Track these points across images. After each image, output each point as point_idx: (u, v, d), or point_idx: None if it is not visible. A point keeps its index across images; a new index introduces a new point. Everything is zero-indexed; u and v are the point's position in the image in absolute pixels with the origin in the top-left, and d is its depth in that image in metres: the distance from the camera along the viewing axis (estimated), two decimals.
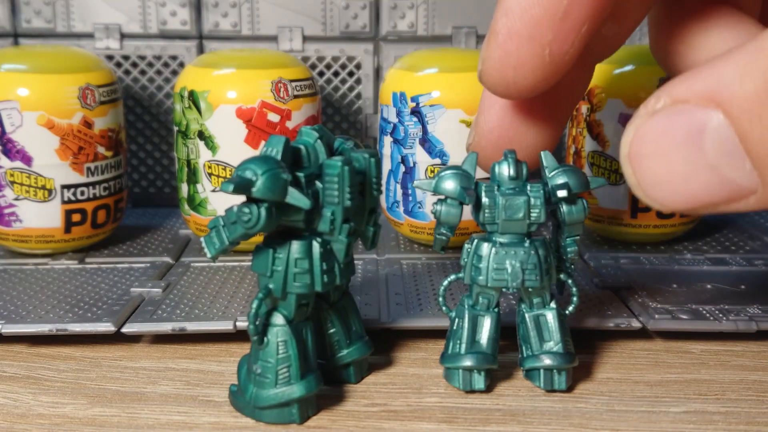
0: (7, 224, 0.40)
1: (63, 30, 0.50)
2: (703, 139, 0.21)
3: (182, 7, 0.50)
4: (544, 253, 0.28)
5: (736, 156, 0.21)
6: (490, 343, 0.29)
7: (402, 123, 0.41)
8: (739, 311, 0.34)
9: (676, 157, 0.22)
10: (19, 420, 0.27)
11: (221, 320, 0.33)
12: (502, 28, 0.25)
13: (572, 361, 0.29)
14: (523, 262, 0.28)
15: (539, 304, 0.29)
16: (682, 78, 0.22)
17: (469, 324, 0.29)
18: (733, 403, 0.29)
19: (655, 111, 0.22)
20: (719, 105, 0.21)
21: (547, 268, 0.28)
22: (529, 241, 0.28)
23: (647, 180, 0.23)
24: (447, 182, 0.29)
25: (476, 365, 0.29)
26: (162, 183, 0.53)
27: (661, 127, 0.22)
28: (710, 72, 0.21)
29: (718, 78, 0.21)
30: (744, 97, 0.20)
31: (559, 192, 0.28)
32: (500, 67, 0.26)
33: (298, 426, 0.27)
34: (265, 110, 0.40)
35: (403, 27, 0.50)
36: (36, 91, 0.39)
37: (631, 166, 0.23)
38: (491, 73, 0.26)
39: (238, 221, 0.25)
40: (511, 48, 0.25)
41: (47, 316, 0.34)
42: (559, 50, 0.25)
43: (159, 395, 0.29)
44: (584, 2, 0.25)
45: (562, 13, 0.25)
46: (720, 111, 0.21)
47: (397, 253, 0.43)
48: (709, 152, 0.22)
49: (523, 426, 0.27)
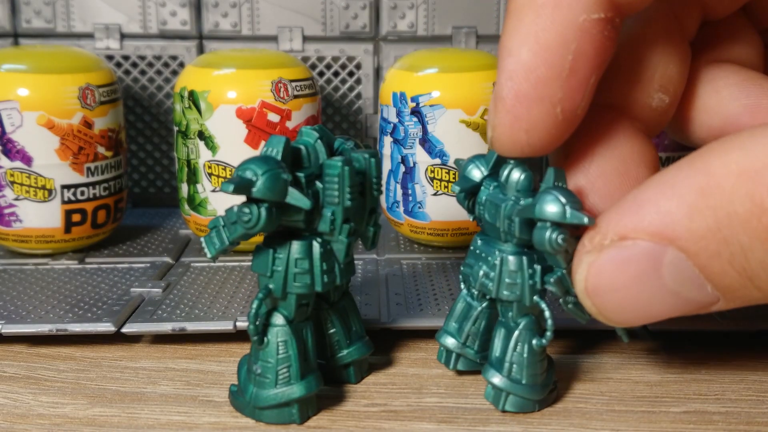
0: (7, 224, 0.40)
1: (63, 30, 0.50)
2: (660, 270, 0.22)
3: (182, 7, 0.50)
4: (510, 268, 0.27)
5: (696, 282, 0.22)
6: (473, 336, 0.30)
7: (402, 123, 0.41)
8: (739, 311, 0.34)
9: (637, 289, 0.23)
10: (19, 420, 0.27)
11: (221, 320, 0.33)
12: (509, 93, 0.24)
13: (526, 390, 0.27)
14: (488, 270, 0.27)
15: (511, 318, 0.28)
16: (623, 212, 0.23)
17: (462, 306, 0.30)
18: (733, 403, 0.29)
19: (603, 247, 0.23)
20: (672, 241, 0.22)
21: (510, 284, 0.27)
22: (499, 251, 0.27)
23: (610, 310, 0.24)
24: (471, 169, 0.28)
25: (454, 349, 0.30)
26: (162, 183, 0.53)
27: (615, 262, 0.23)
28: (655, 209, 0.22)
29: (665, 215, 0.22)
30: (699, 236, 0.21)
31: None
32: (512, 132, 0.25)
33: (298, 426, 0.27)
34: (265, 110, 0.40)
35: (403, 27, 0.50)
36: (36, 91, 0.39)
37: (591, 299, 0.24)
38: (503, 139, 0.25)
39: (239, 221, 0.25)
40: (521, 111, 0.25)
41: (47, 316, 0.34)
42: (571, 106, 0.25)
43: (159, 395, 0.29)
44: (589, 55, 0.24)
45: (569, 69, 0.24)
46: (673, 246, 0.22)
47: (397, 253, 0.43)
48: (669, 281, 0.22)
49: (523, 426, 0.27)
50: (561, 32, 0.24)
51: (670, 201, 0.22)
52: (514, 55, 0.24)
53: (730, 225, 0.21)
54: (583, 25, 0.24)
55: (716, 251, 0.21)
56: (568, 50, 0.24)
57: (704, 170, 0.21)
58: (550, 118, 0.25)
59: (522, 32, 0.24)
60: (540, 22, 0.24)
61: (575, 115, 0.25)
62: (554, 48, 0.24)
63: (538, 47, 0.24)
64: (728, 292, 0.22)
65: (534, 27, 0.24)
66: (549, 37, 0.24)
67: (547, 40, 0.24)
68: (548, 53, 0.24)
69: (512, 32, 0.24)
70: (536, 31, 0.24)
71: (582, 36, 0.24)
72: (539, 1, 0.24)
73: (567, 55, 0.24)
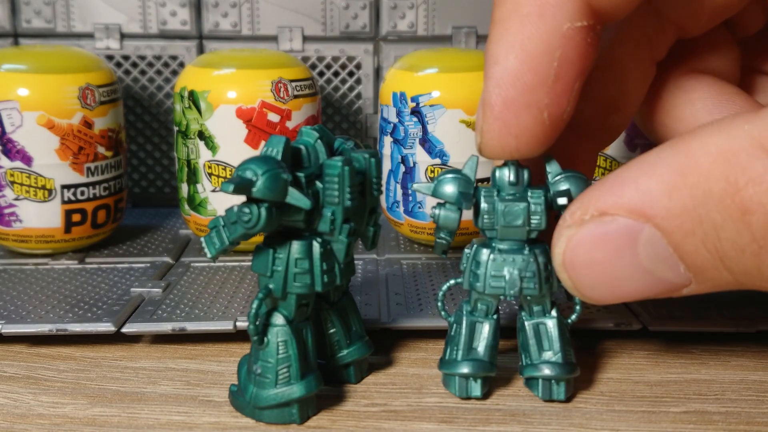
0: (7, 224, 0.40)
1: (63, 30, 0.50)
2: (636, 247, 0.23)
3: (182, 7, 0.50)
4: (544, 260, 0.28)
5: (669, 261, 0.23)
6: (487, 351, 0.28)
7: (402, 123, 0.41)
8: (739, 311, 0.34)
9: (612, 265, 0.23)
10: (19, 420, 0.27)
11: (221, 320, 0.33)
12: (497, 99, 0.25)
13: (572, 371, 0.28)
14: (522, 269, 0.27)
15: (539, 312, 0.29)
16: (604, 189, 0.23)
17: (467, 330, 0.29)
18: (733, 403, 0.29)
19: (583, 221, 0.23)
20: (649, 219, 0.22)
21: (547, 276, 0.28)
22: (529, 248, 0.27)
23: (584, 285, 0.24)
24: (446, 186, 0.28)
25: (473, 373, 0.28)
26: (162, 183, 0.53)
27: (593, 237, 0.23)
28: (635, 186, 0.22)
29: (644, 193, 0.22)
30: (675, 214, 0.22)
31: (559, 199, 0.27)
32: (500, 138, 0.26)
33: (298, 426, 0.27)
34: (265, 110, 0.40)
35: (403, 27, 0.50)
36: (36, 91, 0.39)
37: (567, 273, 0.24)
38: (492, 144, 0.26)
39: (239, 221, 0.25)
40: (509, 117, 0.25)
41: (47, 316, 0.34)
42: (557, 111, 0.25)
43: (159, 395, 0.29)
44: (573, 61, 0.25)
45: (554, 75, 0.25)
46: (650, 224, 0.22)
47: (397, 253, 0.43)
48: (644, 259, 0.23)
49: (523, 426, 0.27)
50: (546, 40, 0.24)
51: (649, 179, 0.22)
52: (501, 62, 0.25)
53: (705, 203, 0.21)
54: (566, 33, 0.24)
55: (690, 230, 0.22)
56: (553, 57, 0.24)
57: (684, 151, 0.22)
58: (538, 123, 0.25)
59: (508, 40, 0.25)
60: (525, 30, 0.24)
61: (561, 119, 0.26)
62: (540, 55, 0.24)
63: (524, 55, 0.25)
64: (699, 273, 0.22)
65: (520, 35, 0.25)
66: (534, 45, 0.24)
67: (532, 47, 0.24)
68: (534, 61, 0.25)
69: (498, 40, 0.25)
70: (522, 40, 0.24)
71: (566, 43, 0.24)
72: (524, 10, 0.24)
73: (552, 62, 0.25)
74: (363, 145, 0.38)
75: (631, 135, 0.41)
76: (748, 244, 0.21)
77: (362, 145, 0.30)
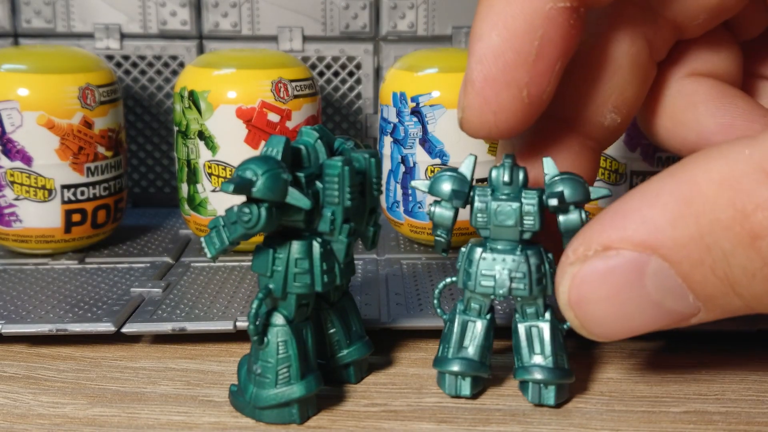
0: (7, 224, 0.40)
1: (63, 30, 0.50)
2: (643, 280, 0.22)
3: (182, 7, 0.50)
4: (536, 262, 0.27)
5: (678, 292, 0.22)
6: (478, 351, 0.28)
7: (402, 123, 0.41)
8: None
9: (619, 300, 0.23)
10: (19, 420, 0.27)
11: (221, 320, 0.33)
12: (479, 76, 0.26)
13: (563, 376, 0.28)
14: (512, 270, 0.27)
15: (533, 315, 0.28)
16: (606, 223, 0.23)
17: (459, 329, 0.29)
18: (733, 403, 0.29)
19: (587, 257, 0.23)
20: (655, 250, 0.22)
21: (539, 278, 0.27)
22: (522, 249, 0.27)
23: (591, 322, 0.24)
24: (441, 184, 0.28)
25: (462, 371, 0.28)
26: (162, 183, 0.53)
27: (598, 273, 0.23)
28: (638, 217, 0.22)
29: (649, 224, 0.22)
30: (681, 243, 0.21)
31: (550, 201, 0.27)
32: (481, 114, 0.26)
33: (298, 426, 0.27)
34: (265, 110, 0.40)
35: (403, 27, 0.50)
36: (36, 91, 0.39)
37: (573, 311, 0.24)
38: (472, 120, 0.27)
39: (239, 221, 0.25)
40: (489, 94, 0.26)
41: (47, 316, 0.34)
42: (536, 91, 0.26)
43: (159, 395, 0.29)
44: (555, 42, 0.25)
45: (535, 54, 0.25)
46: (656, 255, 0.22)
47: (397, 253, 0.43)
48: (652, 291, 0.23)
49: (523, 426, 0.27)
50: (529, 19, 0.25)
51: (653, 210, 0.22)
52: (485, 39, 0.25)
53: (713, 232, 0.21)
54: (549, 13, 0.25)
55: (699, 259, 0.21)
56: (535, 36, 0.25)
57: (687, 179, 0.22)
58: (517, 101, 0.26)
59: (492, 18, 0.25)
60: (509, 9, 0.25)
61: (541, 99, 0.26)
62: (522, 34, 0.25)
63: (506, 33, 0.25)
64: (709, 301, 0.22)
65: (503, 14, 0.25)
66: (517, 24, 0.25)
67: (515, 26, 0.25)
68: (516, 39, 0.25)
69: (483, 18, 0.25)
70: (505, 18, 0.25)
71: (548, 23, 0.25)
72: None
73: (534, 41, 0.25)
74: (363, 145, 0.38)
75: (632, 135, 0.41)
76: (759, 269, 0.21)
77: (362, 145, 0.30)
